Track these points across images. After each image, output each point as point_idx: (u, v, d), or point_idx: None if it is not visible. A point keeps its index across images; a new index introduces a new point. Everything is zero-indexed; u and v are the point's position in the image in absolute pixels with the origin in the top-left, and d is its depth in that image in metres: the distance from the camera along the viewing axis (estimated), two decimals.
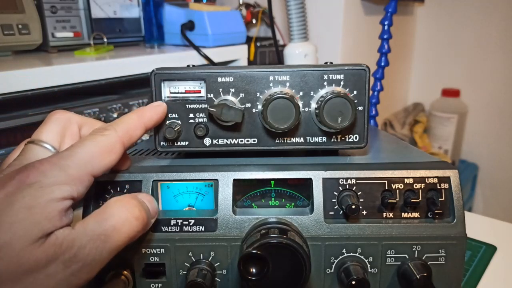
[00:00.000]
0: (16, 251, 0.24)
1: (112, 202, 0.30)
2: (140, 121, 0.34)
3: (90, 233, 0.27)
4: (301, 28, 0.93)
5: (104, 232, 0.28)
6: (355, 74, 0.37)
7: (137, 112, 0.34)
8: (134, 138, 0.33)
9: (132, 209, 0.30)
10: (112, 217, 0.29)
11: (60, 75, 0.59)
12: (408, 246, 0.35)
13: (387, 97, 1.31)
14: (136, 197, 0.32)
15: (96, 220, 0.28)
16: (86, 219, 0.28)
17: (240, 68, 0.38)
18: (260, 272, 0.30)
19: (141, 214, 0.31)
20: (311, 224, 0.35)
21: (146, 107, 0.36)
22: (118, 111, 0.67)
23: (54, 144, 0.32)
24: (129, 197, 0.32)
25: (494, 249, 0.56)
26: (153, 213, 0.34)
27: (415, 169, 0.36)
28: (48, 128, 0.33)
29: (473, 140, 1.63)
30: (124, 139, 0.32)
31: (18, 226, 0.25)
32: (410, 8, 1.57)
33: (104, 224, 0.28)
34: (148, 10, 0.88)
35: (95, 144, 0.30)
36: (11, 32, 0.65)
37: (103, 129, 0.31)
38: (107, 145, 0.30)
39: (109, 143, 0.31)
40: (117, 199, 0.31)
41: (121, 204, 0.30)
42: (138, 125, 0.33)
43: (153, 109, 0.36)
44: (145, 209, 0.32)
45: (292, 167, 0.37)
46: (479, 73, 1.57)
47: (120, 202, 0.30)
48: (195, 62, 0.79)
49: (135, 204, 0.31)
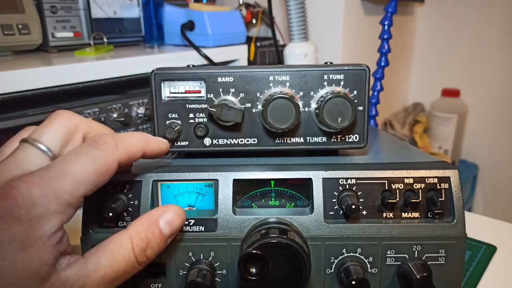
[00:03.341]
0: None
1: (117, 238, 0.28)
2: (143, 146, 0.32)
3: (93, 277, 0.26)
4: (301, 28, 0.93)
5: (106, 275, 0.27)
6: (355, 74, 0.37)
7: (143, 136, 0.32)
8: (132, 159, 0.31)
9: (138, 248, 0.28)
10: (114, 260, 0.27)
11: (60, 75, 0.59)
12: (408, 246, 0.35)
13: (387, 97, 1.31)
14: (153, 226, 0.30)
15: (99, 261, 0.27)
16: (96, 258, 0.27)
17: (240, 68, 0.38)
18: (260, 272, 0.30)
19: (146, 253, 0.29)
20: (311, 224, 0.35)
21: (153, 138, 0.34)
22: (118, 111, 0.67)
23: (53, 148, 0.29)
24: (141, 228, 0.29)
25: (494, 249, 0.56)
26: (173, 232, 0.31)
27: (415, 169, 0.36)
28: (51, 130, 0.29)
29: (473, 140, 1.63)
30: (122, 158, 0.29)
31: (14, 274, 0.23)
32: (410, 8, 1.57)
33: (106, 268, 0.27)
34: (148, 10, 0.88)
35: (91, 162, 0.27)
36: (11, 32, 0.65)
37: (103, 141, 0.28)
38: (104, 165, 0.27)
39: (106, 162, 0.28)
40: (128, 235, 0.28)
41: (124, 242, 0.28)
42: (140, 149, 0.31)
43: (158, 143, 0.34)
44: (154, 242, 0.30)
45: (292, 167, 0.37)
46: (479, 73, 1.57)
47: (123, 241, 0.28)
48: (195, 62, 0.79)
49: (143, 240, 0.29)
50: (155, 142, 0.33)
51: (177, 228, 0.31)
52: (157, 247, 0.30)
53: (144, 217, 0.30)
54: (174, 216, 0.31)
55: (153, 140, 0.33)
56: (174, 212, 0.31)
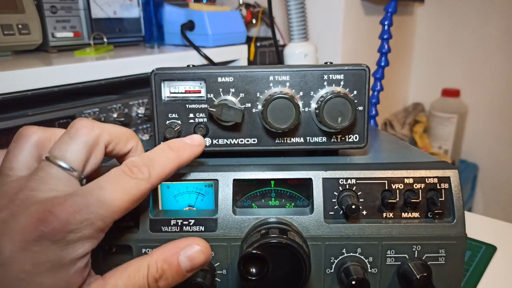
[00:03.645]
0: None
1: (142, 266, 0.28)
2: (177, 164, 0.31)
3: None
4: (301, 28, 0.93)
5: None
6: (355, 74, 0.37)
7: (175, 150, 0.31)
8: (164, 180, 0.31)
9: (151, 277, 0.28)
10: (129, 284, 0.27)
11: (60, 75, 0.59)
12: (408, 246, 0.35)
13: (387, 97, 1.31)
14: (174, 260, 0.29)
15: (116, 283, 0.27)
16: (115, 280, 0.27)
17: (240, 68, 0.38)
18: (260, 272, 0.30)
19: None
20: (311, 224, 0.35)
21: (186, 147, 0.32)
22: (118, 111, 0.67)
23: (77, 167, 0.28)
24: (162, 261, 0.29)
25: (494, 249, 0.56)
26: (194, 268, 0.30)
27: (415, 169, 0.36)
28: (73, 148, 0.28)
29: (473, 140, 1.63)
30: (155, 184, 0.29)
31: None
32: (410, 8, 1.57)
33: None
34: (148, 10, 0.88)
35: (125, 193, 0.27)
36: (11, 32, 0.65)
37: (137, 171, 0.28)
38: (138, 195, 0.28)
39: (139, 192, 0.28)
40: (146, 261, 0.28)
41: (142, 268, 0.28)
42: (173, 169, 0.31)
43: (193, 151, 0.32)
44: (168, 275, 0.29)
45: (292, 167, 0.37)
46: (479, 73, 1.57)
47: (140, 267, 0.28)
48: (195, 62, 0.79)
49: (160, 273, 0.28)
50: (189, 152, 0.32)
51: (199, 264, 0.30)
52: (171, 279, 0.29)
53: (167, 246, 0.30)
54: (197, 252, 0.30)
55: (187, 151, 0.32)
56: (199, 247, 0.30)
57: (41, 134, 0.30)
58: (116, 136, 0.31)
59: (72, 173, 0.28)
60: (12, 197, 0.26)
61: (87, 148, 0.29)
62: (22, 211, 0.25)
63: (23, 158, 0.29)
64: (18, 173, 0.28)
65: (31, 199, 0.26)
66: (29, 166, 0.29)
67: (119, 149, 0.32)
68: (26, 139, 0.29)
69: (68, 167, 0.27)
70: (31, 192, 0.26)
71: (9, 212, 0.25)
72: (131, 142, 0.33)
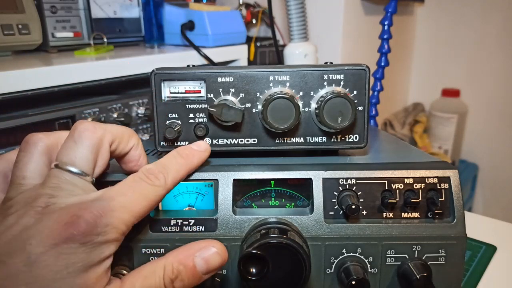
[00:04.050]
0: None
1: (159, 266, 0.29)
2: (188, 169, 0.33)
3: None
4: (301, 28, 0.93)
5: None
6: (355, 74, 0.37)
7: (185, 157, 0.33)
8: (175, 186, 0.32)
9: (167, 278, 0.29)
10: (146, 285, 0.28)
11: (60, 75, 0.59)
12: (408, 246, 0.35)
13: (387, 97, 1.31)
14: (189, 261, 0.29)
15: (133, 285, 0.28)
16: (132, 281, 0.28)
17: (240, 68, 0.38)
18: (260, 272, 0.30)
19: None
20: (311, 224, 0.35)
21: (194, 153, 0.34)
22: (118, 111, 0.67)
23: (87, 170, 0.29)
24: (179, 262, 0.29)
25: (494, 249, 0.56)
26: (209, 270, 0.30)
27: (415, 169, 0.36)
28: (81, 153, 0.29)
29: (473, 140, 1.63)
30: (170, 190, 0.31)
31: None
32: (410, 8, 1.57)
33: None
34: (148, 10, 0.88)
35: (144, 198, 0.29)
36: (11, 32, 0.65)
37: (154, 178, 0.30)
38: (155, 200, 0.30)
39: (156, 197, 0.30)
40: (166, 262, 0.29)
41: (158, 269, 0.29)
42: (185, 174, 0.33)
43: (201, 156, 0.35)
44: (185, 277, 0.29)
45: (292, 167, 0.37)
46: (479, 73, 1.57)
47: (157, 268, 0.29)
48: (195, 62, 0.79)
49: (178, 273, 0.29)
50: (198, 158, 0.34)
51: (215, 267, 0.30)
52: (187, 281, 0.29)
53: (183, 247, 0.30)
54: (213, 255, 0.30)
55: (195, 158, 0.34)
56: (215, 249, 0.30)
57: (47, 140, 0.31)
58: (118, 135, 0.32)
59: (85, 177, 0.29)
60: (32, 204, 0.27)
61: (94, 150, 0.30)
62: (46, 217, 0.26)
63: (34, 166, 0.29)
64: (31, 182, 0.29)
65: (52, 205, 0.26)
66: (41, 174, 0.29)
67: (121, 148, 0.33)
68: (34, 146, 0.30)
69: (80, 172, 0.29)
70: (50, 199, 0.27)
71: (32, 218, 0.26)
72: (132, 140, 0.33)
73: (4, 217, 0.27)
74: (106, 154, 0.31)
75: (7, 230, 0.26)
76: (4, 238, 0.26)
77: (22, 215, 0.26)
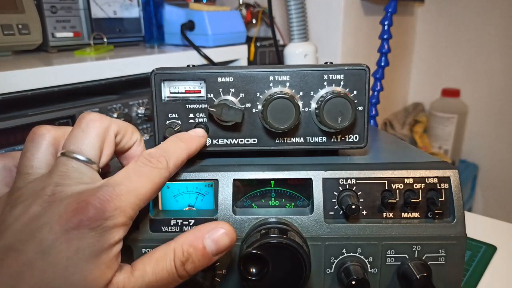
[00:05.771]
0: None
1: (169, 250, 0.29)
2: (188, 153, 0.33)
3: (138, 283, 0.28)
4: (301, 28, 0.93)
5: (150, 283, 0.28)
6: (355, 74, 0.37)
7: (185, 142, 0.34)
8: (179, 169, 0.33)
9: (178, 261, 0.29)
10: (157, 269, 0.28)
11: (60, 75, 0.59)
12: (408, 246, 0.35)
13: (387, 97, 1.31)
14: (198, 243, 0.29)
15: (144, 269, 0.28)
16: (143, 265, 0.28)
17: (240, 68, 0.38)
18: (260, 272, 0.30)
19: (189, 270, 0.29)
20: (311, 224, 0.35)
21: (193, 138, 0.35)
22: (118, 111, 0.67)
23: (94, 158, 0.29)
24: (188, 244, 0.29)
25: (494, 249, 0.56)
26: (219, 250, 0.30)
27: (415, 169, 0.36)
28: (88, 141, 0.29)
29: (473, 140, 1.63)
30: (173, 173, 0.32)
31: (88, 277, 0.25)
32: (410, 8, 1.57)
33: (150, 276, 0.28)
34: (148, 10, 0.88)
35: (150, 181, 0.29)
36: (11, 32, 0.65)
37: (156, 161, 0.30)
38: (159, 183, 0.30)
39: (160, 180, 0.30)
40: (175, 245, 0.29)
41: (168, 253, 0.29)
42: (185, 157, 0.33)
43: (200, 141, 0.35)
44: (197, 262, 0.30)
45: (292, 167, 0.37)
46: (479, 73, 1.57)
47: (167, 251, 0.29)
48: (195, 62, 0.79)
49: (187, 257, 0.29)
50: (197, 142, 0.35)
51: (224, 247, 0.30)
52: (198, 263, 0.29)
53: (192, 230, 0.31)
54: (222, 235, 0.30)
55: (194, 142, 0.34)
56: (223, 230, 0.30)
57: (54, 132, 0.31)
58: (123, 128, 0.33)
59: (91, 165, 0.29)
60: (39, 193, 0.27)
61: (100, 139, 0.30)
62: (55, 205, 0.26)
63: (41, 156, 0.30)
64: (38, 171, 0.29)
65: (59, 193, 0.27)
66: (48, 164, 0.30)
67: (125, 141, 0.33)
68: (42, 137, 0.30)
69: (87, 160, 0.29)
70: (57, 187, 0.27)
71: (40, 207, 0.26)
72: (136, 135, 0.34)
73: (12, 207, 0.27)
74: (111, 144, 0.31)
75: (17, 219, 0.26)
76: (15, 228, 0.26)
77: (30, 204, 0.26)
